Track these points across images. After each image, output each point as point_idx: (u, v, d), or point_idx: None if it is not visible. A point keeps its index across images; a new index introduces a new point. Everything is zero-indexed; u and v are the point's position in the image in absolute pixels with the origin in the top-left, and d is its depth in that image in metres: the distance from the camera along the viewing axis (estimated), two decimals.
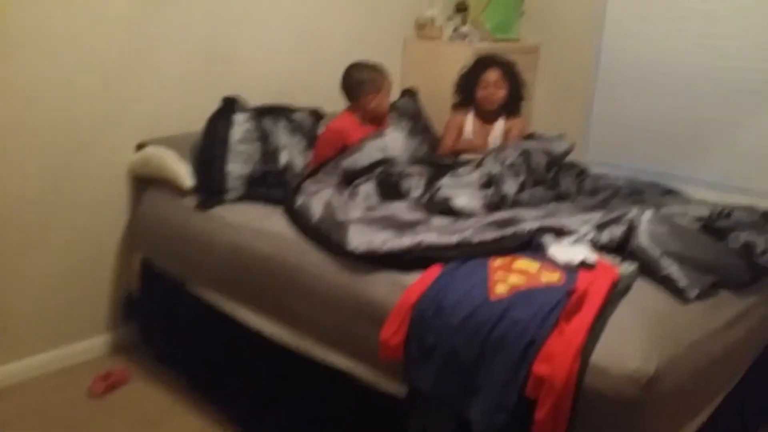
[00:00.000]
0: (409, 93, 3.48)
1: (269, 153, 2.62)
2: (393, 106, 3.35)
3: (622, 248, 1.88)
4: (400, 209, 2.11)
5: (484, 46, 3.45)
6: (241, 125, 2.52)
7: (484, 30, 3.54)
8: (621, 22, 3.45)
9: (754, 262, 1.90)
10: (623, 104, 3.52)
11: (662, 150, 3.39)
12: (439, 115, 3.34)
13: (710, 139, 3.22)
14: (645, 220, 1.87)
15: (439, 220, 2.01)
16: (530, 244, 1.85)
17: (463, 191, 2.26)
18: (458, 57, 3.30)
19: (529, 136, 2.86)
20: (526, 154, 2.55)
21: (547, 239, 1.83)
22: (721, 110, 3.14)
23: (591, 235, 1.88)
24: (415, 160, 2.62)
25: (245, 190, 2.50)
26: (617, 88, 3.53)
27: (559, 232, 1.88)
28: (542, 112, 3.84)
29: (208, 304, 2.40)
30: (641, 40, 3.37)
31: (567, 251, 1.75)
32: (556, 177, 2.66)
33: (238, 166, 2.48)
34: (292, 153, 2.73)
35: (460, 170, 2.53)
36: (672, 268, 1.76)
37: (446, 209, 2.15)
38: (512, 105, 3.04)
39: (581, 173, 2.83)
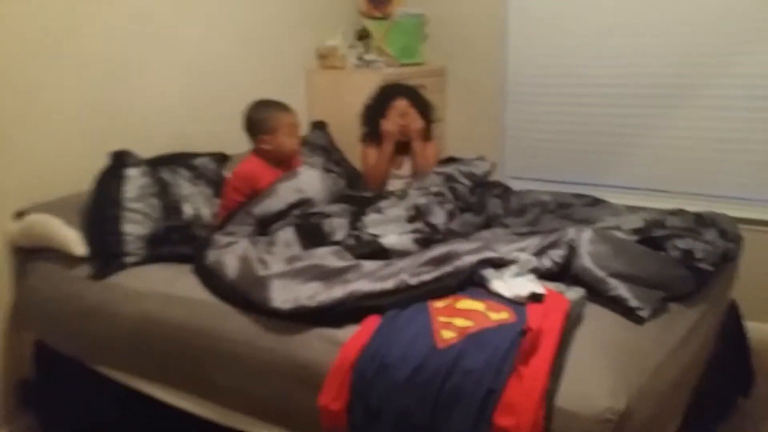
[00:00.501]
0: (318, 126, 3.32)
1: (170, 207, 2.36)
2: (303, 141, 3.18)
3: (564, 272, 1.77)
4: (324, 256, 1.91)
5: (391, 72, 3.34)
6: (134, 180, 2.25)
7: (388, 56, 3.44)
8: (524, 35, 3.44)
9: (697, 269, 1.84)
10: (536, 117, 3.50)
11: (580, 160, 3.38)
12: (350, 146, 3.19)
13: (627, 144, 3.22)
14: (585, 240, 1.77)
15: (369, 264, 1.83)
16: (471, 281, 1.71)
17: (390, 228, 2.10)
18: (366, 85, 3.16)
19: (448, 161, 2.74)
20: (450, 180, 2.43)
21: (489, 273, 1.69)
22: (635, 114, 3.15)
23: (533, 263, 1.76)
24: (335, 198, 2.44)
25: (147, 251, 2.23)
26: (528, 101, 3.50)
27: (500, 264, 1.75)
28: (455, 133, 3.77)
29: (118, 383, 2.10)
30: (547, 51, 3.37)
31: (512, 284, 1.62)
32: (481, 200, 2.55)
33: (135, 226, 2.22)
34: (196, 203, 2.49)
35: (383, 204, 2.38)
36: (620, 289, 1.66)
37: (376, 250, 1.98)
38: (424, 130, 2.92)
39: (505, 192, 2.74)
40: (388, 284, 1.69)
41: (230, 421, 1.85)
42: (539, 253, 1.81)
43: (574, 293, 1.65)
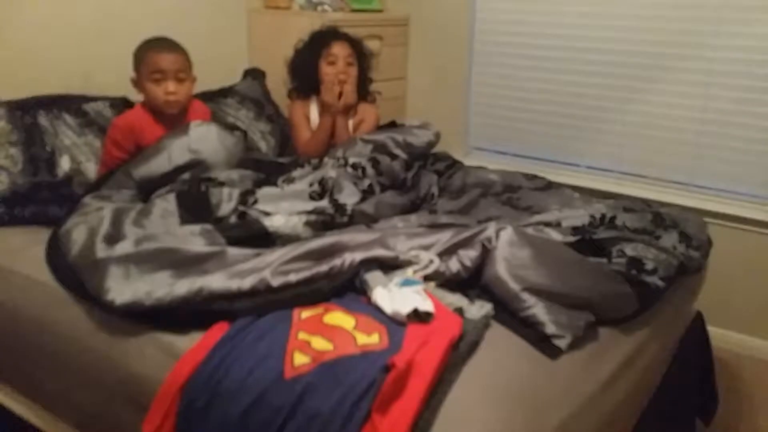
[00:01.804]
0: (252, 74, 2.91)
1: (40, 159, 1.99)
2: (232, 91, 2.78)
3: (474, 279, 1.42)
4: (186, 237, 1.55)
5: (339, 18, 2.91)
6: None
7: None
8: None
9: (643, 283, 1.48)
10: (504, 82, 3.08)
11: (548, 134, 2.98)
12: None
13: (599, 120, 2.82)
14: (504, 241, 1.41)
15: (236, 253, 1.47)
16: (352, 285, 1.35)
17: (285, 205, 1.73)
18: (309, 29, 2.74)
19: (389, 126, 2.36)
20: (378, 150, 2.05)
21: (373, 278, 1.33)
22: (610, 86, 2.74)
23: (435, 265, 1.40)
24: (239, 162, 2.06)
25: (4, 211, 1.87)
26: (496, 62, 3.08)
27: (393, 264, 1.39)
28: (416, 92, 3.36)
29: None
30: (519, 11, 2.93)
31: (396, 296, 1.26)
32: (417, 176, 2.17)
33: None
34: (79, 156, 2.11)
35: (297, 173, 2.01)
36: (537, 308, 1.30)
37: (256, 233, 1.61)
38: (361, 89, 2.51)
39: (450, 167, 2.37)
40: (246, 283, 1.33)
41: None
42: (447, 251, 1.45)
43: (478, 310, 1.30)
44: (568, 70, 2.84)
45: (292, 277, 1.33)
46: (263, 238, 1.61)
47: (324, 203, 1.76)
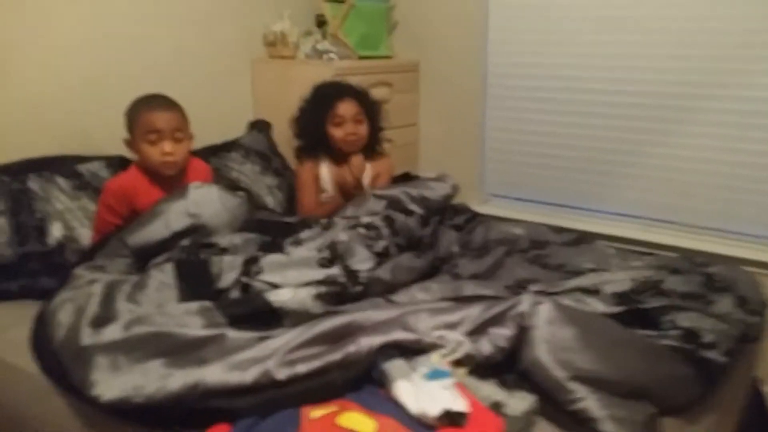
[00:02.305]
0: (257, 126, 2.79)
1: (28, 227, 1.84)
2: (237, 144, 2.65)
3: (510, 361, 1.24)
4: (182, 317, 1.38)
5: (346, 66, 2.80)
6: None
7: (345, 47, 2.89)
8: (507, 26, 2.87)
9: (703, 361, 1.29)
10: (521, 126, 2.93)
11: (569, 179, 2.82)
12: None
13: (623, 164, 2.66)
14: (543, 318, 1.23)
15: (238, 336, 1.30)
16: (368, 375, 1.18)
17: (292, 274, 1.56)
18: (315, 79, 2.62)
19: (403, 177, 2.20)
20: (392, 206, 1.89)
21: (394, 367, 1.15)
22: (635, 128, 2.58)
23: (464, 348, 1.22)
24: (243, 225, 1.90)
25: None
26: (511, 107, 2.94)
27: (416, 348, 1.21)
28: (429, 139, 3.22)
29: None
30: (533, 47, 2.79)
31: (421, 391, 1.08)
32: (435, 233, 2.01)
33: None
34: (71, 222, 1.96)
35: (305, 234, 1.85)
36: (588, 401, 1.12)
37: (260, 310, 1.44)
38: (374, 142, 2.36)
39: (470, 221, 2.20)
40: (247, 376, 1.16)
41: None
42: (477, 330, 1.27)
43: (520, 403, 1.12)
44: (589, 112, 2.69)
45: (301, 368, 1.15)
46: (269, 315, 1.44)
47: (335, 271, 1.60)
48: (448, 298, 1.46)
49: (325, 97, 2.24)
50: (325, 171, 2.26)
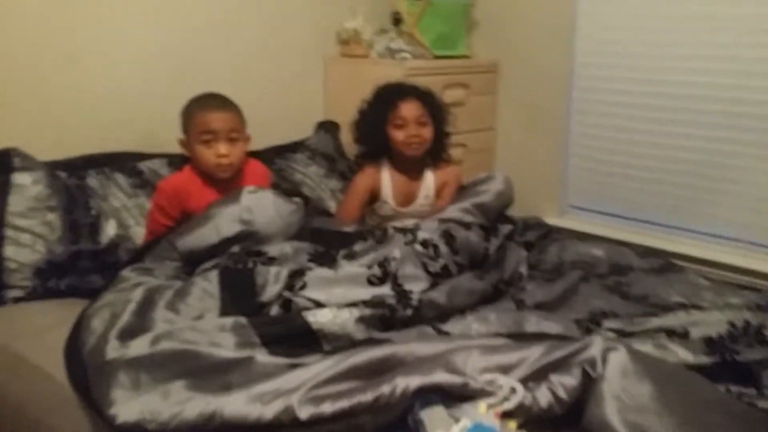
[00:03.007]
0: (325, 127, 2.69)
1: (81, 225, 1.81)
2: (303, 145, 2.57)
3: (570, 417, 1.06)
4: (215, 332, 1.29)
5: (420, 66, 2.65)
6: (23, 190, 1.71)
7: (421, 45, 2.75)
8: (598, 23, 2.64)
9: None
10: (607, 133, 2.69)
11: (660, 193, 2.56)
12: None
13: (723, 180, 2.38)
14: (615, 369, 1.04)
15: (267, 362, 1.19)
16: (403, 421, 1.03)
17: (338, 292, 1.43)
18: (386, 79, 2.49)
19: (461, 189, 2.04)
20: (448, 221, 1.74)
21: (433, 415, 1.00)
22: (737, 142, 2.30)
23: (518, 396, 1.05)
24: (298, 233, 1.78)
25: (37, 283, 1.70)
26: (598, 111, 2.71)
27: (460, 393, 1.06)
28: (507, 145, 3.03)
29: None
30: (625, 48, 2.56)
31: None
32: (502, 250, 1.83)
33: (20, 250, 1.69)
34: (126, 221, 1.92)
35: (357, 246, 1.72)
36: None
37: (297, 332, 1.32)
38: (439, 149, 2.18)
39: (543, 238, 2.01)
40: (268, 411, 1.04)
41: None
42: (535, 376, 1.10)
43: None
44: (685, 120, 2.42)
45: (327, 408, 1.02)
46: (307, 337, 1.32)
47: (385, 290, 1.46)
48: (504, 334, 1.28)
49: (386, 98, 2.10)
50: (387, 179, 2.12)
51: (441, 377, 1.04)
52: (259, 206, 1.73)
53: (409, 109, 2.06)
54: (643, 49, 2.49)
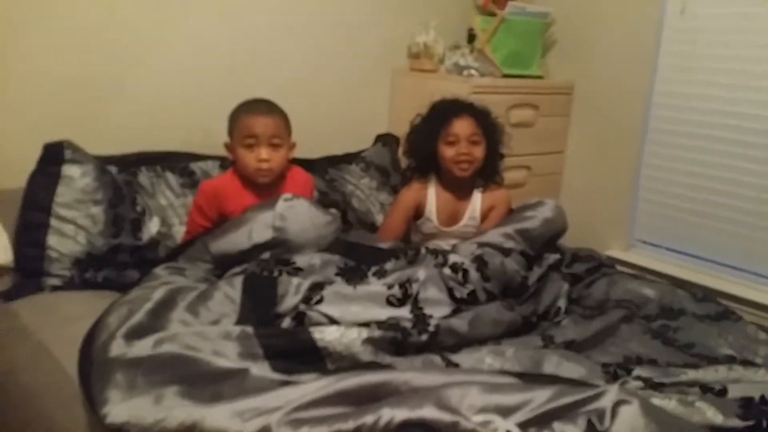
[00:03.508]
0: (383, 140, 2.66)
1: (125, 220, 1.85)
2: (359, 157, 2.54)
3: None
4: (219, 340, 1.27)
5: (486, 84, 2.58)
6: (71, 182, 1.77)
7: (490, 63, 2.67)
8: (682, 52, 2.48)
9: None
10: (683, 168, 2.52)
11: (734, 234, 2.37)
12: None
13: None
14: (622, 424, 0.94)
15: (261, 376, 1.15)
16: None
17: (355, 310, 1.39)
18: (455, 94, 2.44)
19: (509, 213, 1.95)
20: (485, 245, 1.65)
21: None
22: None
23: None
24: (330, 245, 1.75)
25: (75, 273, 1.75)
26: (674, 144, 2.54)
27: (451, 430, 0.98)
28: (575, 169, 2.91)
29: None
30: (710, 78, 2.38)
31: None
32: (544, 280, 1.73)
33: (63, 240, 1.74)
34: (171, 219, 1.96)
35: (389, 265, 1.67)
36: None
37: (301, 347, 1.28)
38: (491, 170, 2.10)
39: (593, 272, 1.89)
40: (248, 428, 1.00)
41: None
42: (537, 422, 1.01)
43: None
44: (766, 157, 2.22)
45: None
46: (311, 353, 1.28)
47: (403, 312, 1.40)
48: (513, 372, 1.19)
49: (440, 113, 2.04)
50: (432, 196, 2.06)
51: (429, 413, 0.97)
52: (293, 214, 1.71)
53: (462, 126, 1.99)
54: (726, 80, 2.32)
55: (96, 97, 2.06)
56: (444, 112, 2.03)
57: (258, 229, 1.69)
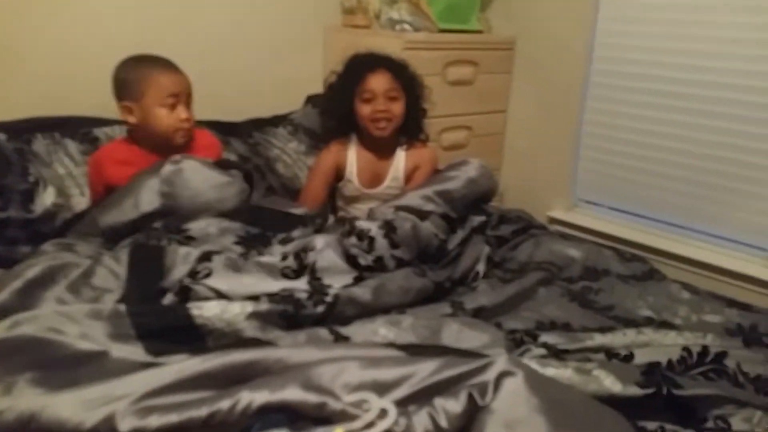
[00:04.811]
0: (314, 101, 2.51)
1: (13, 191, 1.69)
2: (287, 119, 2.40)
3: None
4: (85, 320, 1.14)
5: (422, 38, 2.45)
6: None
7: (426, 17, 2.53)
8: (621, 8, 2.38)
9: None
10: (626, 125, 2.42)
11: (678, 192, 2.29)
12: None
13: (749, 180, 2.10)
14: (506, 398, 0.85)
15: (121, 358, 1.04)
16: None
17: (243, 282, 1.27)
18: (387, 51, 2.31)
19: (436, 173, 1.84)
20: (401, 209, 1.54)
21: None
22: (763, 136, 2.03)
23: (387, 422, 0.87)
24: (238, 211, 1.62)
25: None
26: (615, 99, 2.44)
27: (317, 415, 0.88)
28: (517, 127, 2.80)
29: None
30: (652, 34, 2.28)
31: None
32: (465, 243, 1.63)
33: None
34: (69, 190, 1.80)
35: (296, 232, 1.55)
36: None
37: (181, 325, 1.17)
38: (414, 127, 1.98)
39: (519, 233, 1.80)
40: (90, 418, 0.89)
41: None
42: (417, 398, 0.91)
43: None
44: (713, 111, 2.14)
45: (153, 421, 0.86)
46: (190, 331, 1.16)
47: (298, 284, 1.29)
48: (399, 344, 1.09)
49: (355, 69, 1.91)
50: (353, 157, 1.94)
51: (292, 394, 0.87)
52: (182, 179, 1.57)
53: (377, 82, 1.86)
54: (671, 31, 2.21)
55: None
56: (358, 67, 1.90)
57: (145, 196, 1.55)
